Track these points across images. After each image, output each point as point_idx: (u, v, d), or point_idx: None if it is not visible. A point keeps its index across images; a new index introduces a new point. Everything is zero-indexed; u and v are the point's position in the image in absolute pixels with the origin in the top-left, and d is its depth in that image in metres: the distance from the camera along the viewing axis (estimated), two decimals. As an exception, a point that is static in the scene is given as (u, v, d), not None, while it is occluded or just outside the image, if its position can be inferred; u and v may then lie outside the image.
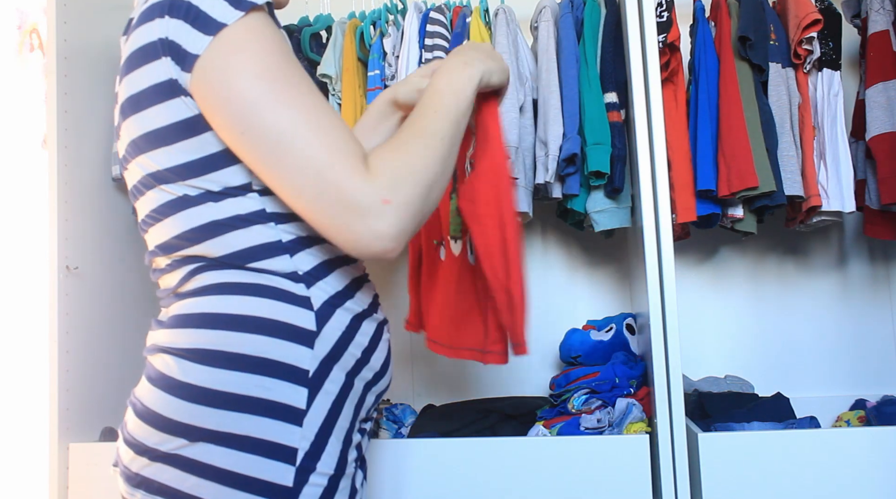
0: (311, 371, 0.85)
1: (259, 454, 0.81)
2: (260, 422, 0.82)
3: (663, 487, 1.28)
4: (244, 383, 0.82)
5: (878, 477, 1.25)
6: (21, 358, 2.05)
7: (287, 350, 0.84)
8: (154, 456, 0.83)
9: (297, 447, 0.82)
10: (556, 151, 1.49)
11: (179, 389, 0.83)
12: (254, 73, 0.79)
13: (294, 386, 0.83)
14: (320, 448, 0.85)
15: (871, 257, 1.84)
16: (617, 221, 1.53)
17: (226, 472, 0.81)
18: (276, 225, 0.86)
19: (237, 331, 0.83)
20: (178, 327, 0.87)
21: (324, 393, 0.85)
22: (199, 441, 0.81)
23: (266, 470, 0.81)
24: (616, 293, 1.89)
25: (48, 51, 1.57)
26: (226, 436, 0.81)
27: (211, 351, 0.83)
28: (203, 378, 0.83)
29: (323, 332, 0.86)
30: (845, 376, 1.81)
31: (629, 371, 1.48)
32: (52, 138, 1.55)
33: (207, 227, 0.85)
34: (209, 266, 0.87)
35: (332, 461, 0.86)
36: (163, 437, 0.83)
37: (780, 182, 1.50)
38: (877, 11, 1.54)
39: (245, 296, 0.85)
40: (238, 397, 0.82)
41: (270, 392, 0.82)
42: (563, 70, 1.54)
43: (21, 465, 2.01)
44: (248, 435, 0.81)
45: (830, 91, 1.55)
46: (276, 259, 0.86)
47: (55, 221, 1.54)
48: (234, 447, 0.81)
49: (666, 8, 1.51)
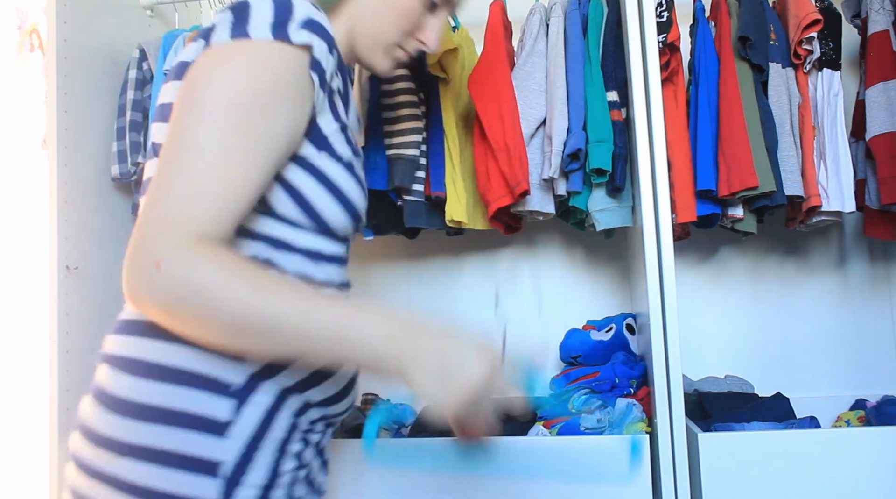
0: (238, 384, 0.81)
1: (182, 469, 0.78)
2: (181, 435, 0.78)
3: (663, 487, 1.28)
4: (166, 395, 0.79)
5: (878, 477, 1.25)
6: (21, 358, 2.05)
7: (213, 363, 0.80)
8: (89, 473, 0.81)
9: (220, 460, 0.79)
10: (560, 145, 1.49)
11: (107, 401, 0.81)
12: (224, 86, 0.76)
13: (218, 397, 0.80)
14: (248, 460, 0.81)
15: (871, 257, 1.84)
16: (618, 221, 1.53)
17: (150, 490, 0.78)
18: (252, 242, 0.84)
19: (163, 341, 0.81)
20: (114, 334, 0.86)
21: (252, 405, 0.82)
22: (125, 457, 0.79)
23: (190, 485, 0.78)
24: (616, 293, 1.89)
25: (48, 51, 1.57)
26: (149, 451, 0.78)
27: (135, 361, 0.81)
28: (127, 390, 0.80)
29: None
30: (845, 376, 1.81)
31: (629, 371, 1.48)
32: (52, 138, 1.55)
33: None
34: None
35: (262, 474, 0.82)
36: (94, 452, 0.81)
37: (780, 182, 1.50)
38: (877, 11, 1.54)
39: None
40: (159, 409, 0.79)
41: (192, 404, 0.79)
42: (570, 66, 1.54)
43: (21, 465, 2.01)
44: (170, 450, 0.78)
45: (830, 91, 1.55)
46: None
47: (55, 221, 1.54)
48: (158, 463, 0.78)
49: (666, 8, 1.51)
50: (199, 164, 0.73)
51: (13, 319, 2.06)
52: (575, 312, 1.87)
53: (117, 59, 1.75)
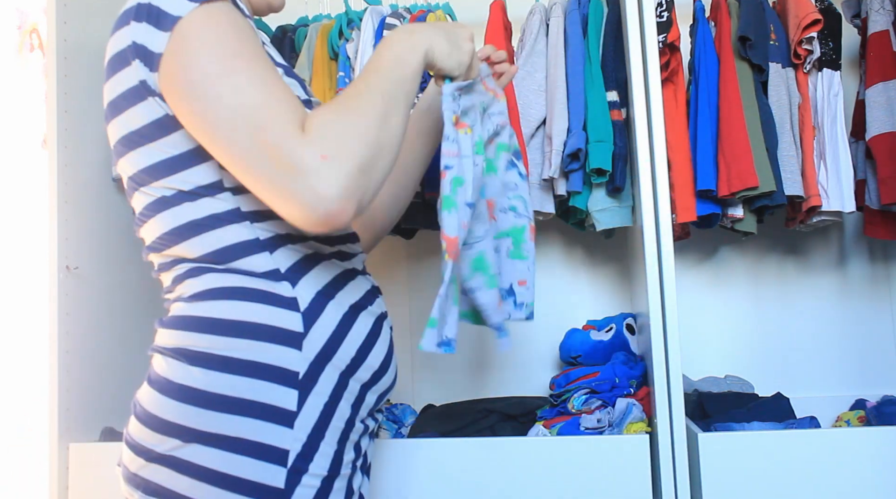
0: (301, 373, 0.85)
1: (250, 456, 0.81)
2: (251, 424, 0.82)
3: (663, 487, 1.28)
4: (234, 386, 0.82)
5: (878, 477, 1.25)
6: (21, 358, 2.05)
7: (275, 353, 0.84)
8: (150, 457, 0.84)
9: (288, 449, 0.83)
10: (560, 145, 1.49)
11: (172, 390, 0.84)
12: (206, 53, 0.80)
13: (284, 388, 0.83)
14: (312, 449, 0.85)
15: (871, 257, 1.84)
16: (618, 221, 1.53)
17: (218, 473, 0.81)
18: (252, 223, 0.86)
19: (227, 335, 0.84)
20: (173, 329, 0.87)
21: (315, 394, 0.85)
22: (192, 443, 0.82)
23: (257, 472, 0.81)
24: (616, 293, 1.89)
25: (48, 51, 1.57)
26: (217, 437, 0.81)
27: (202, 353, 0.84)
28: (195, 380, 0.83)
29: (311, 332, 0.86)
30: (845, 376, 1.81)
31: (629, 371, 1.48)
32: (52, 138, 1.55)
33: (186, 227, 0.86)
34: (196, 270, 0.87)
35: (325, 463, 0.86)
36: (158, 438, 0.84)
37: (780, 182, 1.50)
38: (877, 11, 1.54)
39: (233, 300, 0.85)
40: (229, 398, 0.82)
41: (260, 394, 0.83)
42: (570, 66, 1.54)
43: (21, 465, 2.01)
44: (239, 436, 0.82)
45: (830, 91, 1.55)
46: (254, 257, 0.86)
47: (55, 221, 1.54)
48: (226, 449, 0.81)
49: (666, 8, 1.51)
50: (243, 96, 0.78)
51: (13, 319, 2.06)
52: (575, 312, 1.86)
53: (117, 59, 1.75)
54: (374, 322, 0.94)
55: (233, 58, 0.80)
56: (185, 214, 0.86)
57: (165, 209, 0.87)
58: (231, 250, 0.86)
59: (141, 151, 0.86)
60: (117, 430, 1.56)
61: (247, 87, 0.79)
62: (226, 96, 0.78)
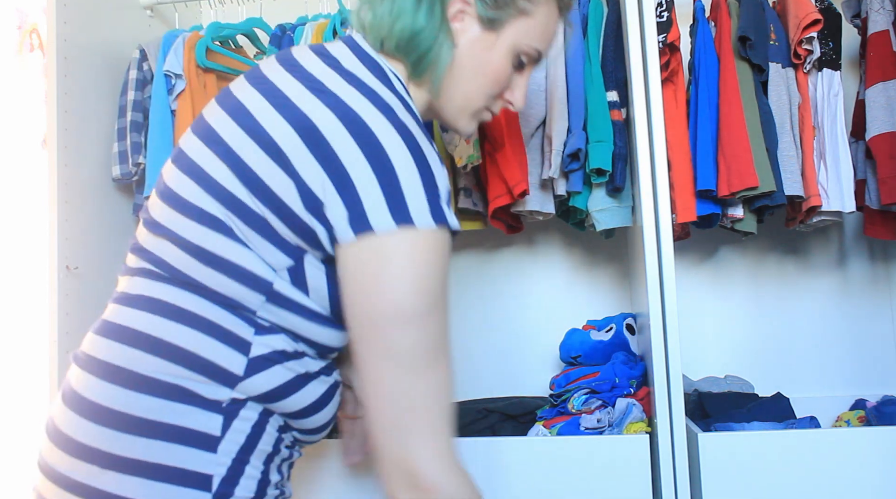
0: (226, 402, 0.81)
1: (172, 483, 0.78)
2: (172, 449, 0.78)
3: (663, 487, 1.28)
4: (156, 409, 0.78)
5: (878, 477, 1.25)
6: (21, 358, 2.05)
7: (204, 385, 0.80)
8: (66, 485, 0.80)
9: (211, 474, 0.79)
10: (560, 145, 1.49)
11: (91, 411, 0.80)
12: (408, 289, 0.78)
13: (207, 413, 0.80)
14: (238, 472, 0.81)
15: (871, 257, 1.84)
16: (618, 221, 1.53)
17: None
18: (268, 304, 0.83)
19: (159, 356, 0.80)
20: (103, 338, 0.83)
21: (241, 419, 0.82)
22: (110, 470, 0.78)
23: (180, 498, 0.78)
24: (616, 293, 1.89)
25: (48, 51, 1.57)
26: (136, 464, 0.77)
27: (127, 371, 0.80)
28: (115, 400, 0.79)
29: (253, 377, 0.82)
30: (845, 376, 1.81)
31: (629, 371, 1.47)
32: (52, 138, 1.55)
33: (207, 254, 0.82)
34: (161, 277, 0.83)
35: (251, 485, 0.82)
36: (74, 463, 0.79)
37: (780, 182, 1.50)
38: (877, 11, 1.54)
39: (179, 324, 0.81)
40: (150, 422, 0.78)
41: (182, 419, 0.79)
42: (570, 66, 1.54)
43: (21, 465, 2.01)
44: (160, 463, 0.78)
45: (830, 91, 1.55)
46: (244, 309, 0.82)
47: (55, 221, 1.54)
48: (146, 476, 0.77)
49: (666, 8, 1.51)
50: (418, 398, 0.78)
51: (13, 319, 2.06)
52: (575, 312, 1.86)
53: (117, 59, 1.75)
54: (326, 388, 0.90)
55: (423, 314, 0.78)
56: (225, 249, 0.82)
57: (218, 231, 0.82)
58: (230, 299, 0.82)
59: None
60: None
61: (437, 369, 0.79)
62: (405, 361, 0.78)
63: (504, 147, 1.49)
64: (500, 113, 1.50)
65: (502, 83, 0.96)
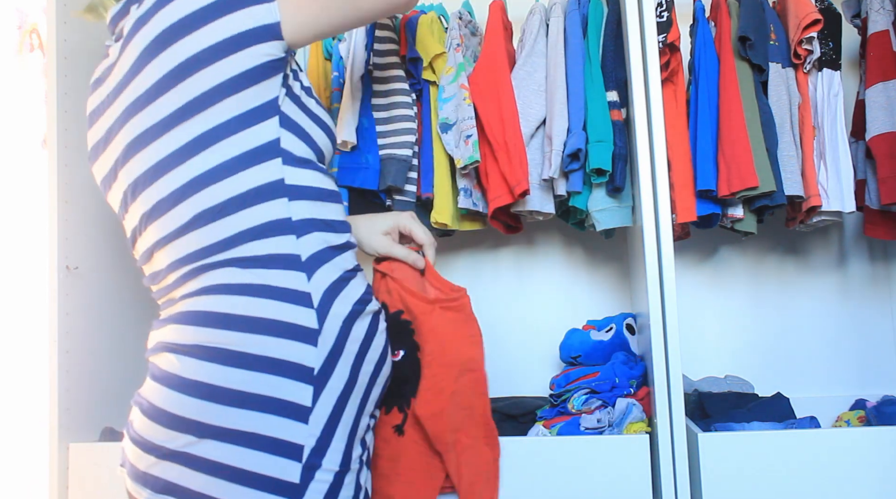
0: (317, 369, 0.85)
1: (266, 451, 0.82)
2: (267, 419, 0.82)
3: (663, 487, 1.28)
4: (251, 381, 0.83)
5: (878, 477, 1.25)
6: (21, 358, 2.04)
7: (292, 349, 0.85)
8: (161, 454, 0.84)
9: (303, 444, 0.83)
10: (560, 146, 1.49)
11: (186, 386, 0.84)
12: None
13: (300, 384, 0.84)
14: (326, 445, 0.85)
15: (871, 257, 1.84)
16: (618, 221, 1.53)
17: (234, 469, 0.82)
18: (290, 201, 0.88)
19: (242, 331, 0.84)
20: (184, 325, 0.87)
21: (328, 390, 0.86)
22: (207, 438, 0.82)
23: (274, 467, 0.82)
24: (616, 293, 1.89)
25: (48, 51, 1.57)
26: (233, 433, 0.82)
27: (217, 349, 0.84)
28: (210, 375, 0.83)
29: (324, 328, 0.87)
30: (845, 376, 1.81)
31: (629, 371, 1.47)
32: (52, 138, 1.55)
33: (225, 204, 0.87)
34: (209, 266, 0.87)
35: (337, 458, 0.86)
36: (170, 434, 0.83)
37: (780, 182, 1.50)
38: (877, 11, 1.54)
39: (248, 296, 0.85)
40: (245, 394, 0.82)
41: (277, 390, 0.83)
42: (569, 66, 1.54)
43: (21, 465, 2.01)
44: (256, 432, 0.82)
45: (830, 91, 1.55)
46: (282, 239, 0.87)
47: (55, 221, 1.54)
48: (242, 444, 0.82)
49: (666, 8, 1.51)
50: None
51: (13, 319, 2.06)
52: (575, 312, 1.87)
53: (117, 59, 1.75)
54: (371, 318, 0.96)
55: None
56: (228, 189, 0.87)
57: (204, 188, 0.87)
58: (264, 229, 0.87)
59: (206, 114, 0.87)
60: (117, 430, 1.56)
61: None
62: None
63: (505, 147, 1.49)
64: (499, 113, 1.50)
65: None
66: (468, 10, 1.71)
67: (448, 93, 1.56)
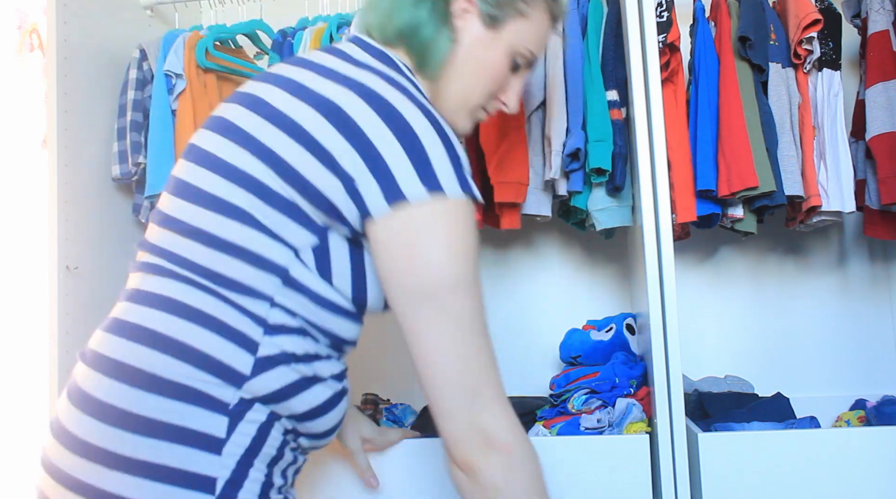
0: (233, 404, 0.81)
1: (176, 485, 0.77)
2: (177, 450, 0.78)
3: (663, 487, 1.28)
4: (163, 409, 0.78)
5: (878, 477, 1.25)
6: (21, 358, 2.05)
7: (211, 384, 0.80)
8: (69, 485, 0.79)
9: (215, 476, 0.79)
10: (559, 146, 1.49)
11: (98, 409, 0.80)
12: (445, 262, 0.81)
13: (215, 414, 0.80)
14: (242, 476, 0.81)
15: (871, 257, 1.84)
16: (618, 220, 1.53)
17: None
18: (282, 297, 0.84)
19: (170, 355, 0.80)
20: (113, 335, 0.84)
21: (246, 422, 0.82)
22: (115, 470, 0.77)
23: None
24: (616, 293, 1.89)
25: (48, 51, 1.57)
26: (144, 465, 0.77)
27: (137, 370, 0.80)
28: (123, 399, 0.79)
29: (257, 378, 0.82)
30: (845, 376, 1.81)
31: (629, 371, 1.47)
32: (52, 138, 1.55)
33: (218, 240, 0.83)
34: (174, 275, 0.83)
35: (255, 488, 0.82)
36: (79, 462, 0.79)
37: (780, 182, 1.50)
38: (877, 11, 1.54)
39: (190, 322, 0.81)
40: (156, 422, 0.78)
41: (188, 420, 0.79)
42: (569, 66, 1.54)
43: (21, 465, 2.01)
44: (165, 464, 0.77)
45: (830, 91, 1.55)
46: (256, 302, 0.82)
47: (55, 221, 1.54)
48: (151, 478, 0.77)
49: (666, 8, 1.51)
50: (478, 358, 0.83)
51: (13, 319, 2.06)
52: (575, 312, 1.86)
53: (117, 59, 1.75)
54: (332, 395, 0.90)
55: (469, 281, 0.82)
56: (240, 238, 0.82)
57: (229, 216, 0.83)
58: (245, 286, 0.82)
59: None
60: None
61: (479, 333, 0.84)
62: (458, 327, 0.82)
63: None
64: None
65: (499, 82, 1.00)
66: None
67: None
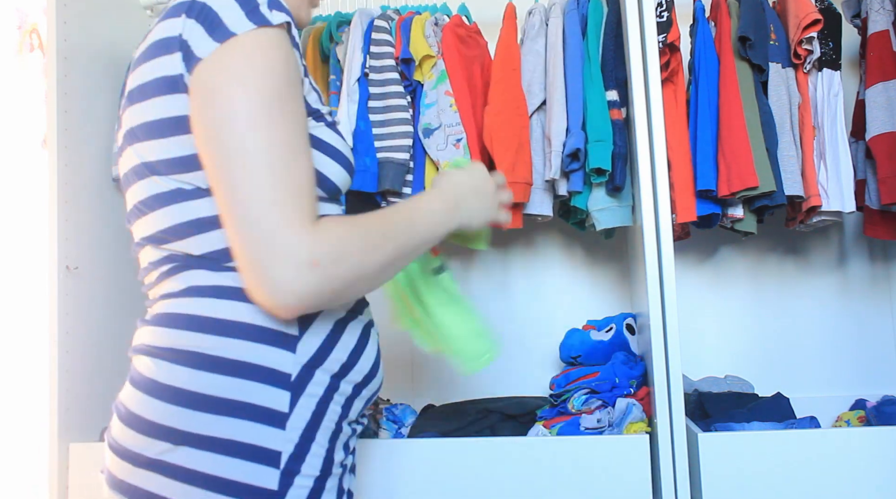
0: (294, 375, 0.84)
1: (243, 458, 0.80)
2: (242, 425, 0.81)
3: (663, 487, 1.28)
4: (225, 386, 0.81)
5: (878, 477, 1.25)
6: (21, 358, 2.05)
7: (268, 354, 0.83)
8: (138, 462, 0.82)
9: (280, 450, 0.82)
10: (559, 146, 1.49)
11: (161, 391, 0.83)
12: (243, 89, 0.78)
13: (276, 389, 0.82)
14: (304, 450, 0.84)
15: (871, 257, 1.84)
16: (618, 220, 1.53)
17: (210, 477, 0.80)
18: None
19: (218, 335, 0.83)
20: (161, 327, 0.86)
21: (307, 395, 0.84)
22: (183, 445, 0.80)
23: (250, 474, 0.80)
24: (616, 293, 1.89)
25: (48, 51, 1.57)
26: (209, 440, 0.80)
27: (192, 353, 0.83)
28: (184, 380, 0.82)
29: (305, 336, 0.85)
30: (845, 376, 1.81)
31: (629, 371, 1.48)
32: (52, 138, 1.55)
33: (194, 223, 0.85)
34: (189, 265, 0.86)
35: (317, 463, 0.85)
36: (146, 441, 0.82)
37: (780, 182, 1.50)
38: (877, 11, 1.54)
39: (226, 300, 0.83)
40: (219, 399, 0.81)
41: (251, 395, 0.81)
42: (568, 66, 1.55)
43: (21, 465, 2.01)
44: (231, 439, 0.80)
45: (830, 91, 1.55)
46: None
47: (55, 221, 1.54)
48: (218, 451, 0.80)
49: (666, 8, 1.51)
50: (264, 158, 0.78)
51: (13, 319, 2.06)
52: (575, 312, 1.86)
53: (117, 59, 1.75)
54: (362, 329, 0.94)
55: (270, 105, 0.79)
56: (198, 209, 0.84)
57: (178, 202, 0.85)
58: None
59: (162, 142, 0.84)
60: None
61: (273, 148, 0.78)
62: (249, 146, 0.77)
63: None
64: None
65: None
66: (465, 13, 1.71)
67: (430, 98, 1.57)
